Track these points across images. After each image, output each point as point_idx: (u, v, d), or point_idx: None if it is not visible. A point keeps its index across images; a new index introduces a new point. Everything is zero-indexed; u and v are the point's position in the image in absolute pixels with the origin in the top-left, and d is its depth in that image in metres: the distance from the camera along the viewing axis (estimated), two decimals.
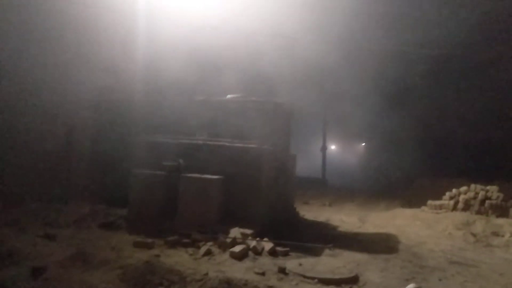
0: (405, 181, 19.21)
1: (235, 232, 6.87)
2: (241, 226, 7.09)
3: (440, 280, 5.79)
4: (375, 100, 21.78)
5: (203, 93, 9.86)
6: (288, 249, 6.65)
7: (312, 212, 11.93)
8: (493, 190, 10.54)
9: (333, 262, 6.27)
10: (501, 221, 9.60)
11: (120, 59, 10.61)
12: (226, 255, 6.13)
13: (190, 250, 6.30)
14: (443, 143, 21.43)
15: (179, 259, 5.86)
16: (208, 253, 6.17)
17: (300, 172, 14.94)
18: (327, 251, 6.90)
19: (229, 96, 9.33)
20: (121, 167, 9.12)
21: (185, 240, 6.56)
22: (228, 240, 6.50)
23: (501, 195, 10.46)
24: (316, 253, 6.79)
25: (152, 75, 11.49)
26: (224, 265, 5.75)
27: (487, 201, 10.38)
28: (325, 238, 7.95)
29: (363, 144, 34.24)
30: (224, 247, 6.36)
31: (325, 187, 21.11)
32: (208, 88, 11.00)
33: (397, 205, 14.20)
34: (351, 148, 35.00)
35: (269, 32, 13.25)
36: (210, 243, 6.49)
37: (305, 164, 22.29)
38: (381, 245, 7.88)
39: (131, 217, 7.81)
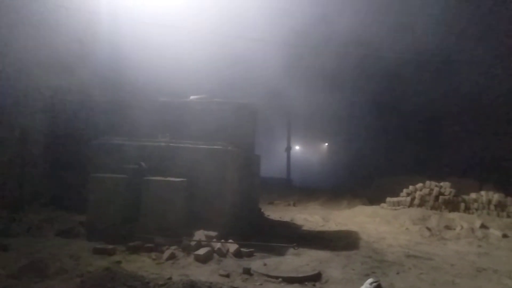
0: (366, 179, 19.93)
1: (200, 234, 6.82)
2: (206, 229, 7.04)
3: (397, 273, 6.05)
4: (337, 102, 22.38)
5: (166, 94, 9.70)
6: (253, 250, 6.69)
7: (277, 212, 12.08)
8: (446, 186, 11.17)
9: (297, 261, 6.38)
10: (453, 215, 10.19)
11: (76, 59, 10.20)
12: (190, 259, 6.06)
13: (153, 254, 6.17)
14: (400, 142, 22.39)
15: (141, 264, 5.72)
16: (172, 257, 6.07)
17: (265, 172, 15.08)
18: (291, 250, 7.00)
19: (192, 97, 9.24)
20: (79, 171, 8.77)
21: (148, 245, 6.41)
22: (193, 243, 6.43)
23: (453, 191, 11.10)
24: (280, 252, 6.87)
25: (112, 76, 11.15)
26: (188, 269, 5.69)
27: (441, 197, 10.98)
28: (289, 237, 8.07)
29: (326, 144, 35.11)
30: (188, 250, 6.29)
31: (290, 187, 21.43)
32: (171, 88, 10.86)
33: (359, 203, 14.68)
34: (314, 148, 35.74)
35: (233, 34, 13.27)
36: (174, 247, 6.38)
37: (270, 165, 22.49)
38: (343, 242, 8.12)
39: (90, 223, 7.52)
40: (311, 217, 11.19)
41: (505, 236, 8.93)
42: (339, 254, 7.01)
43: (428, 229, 9.29)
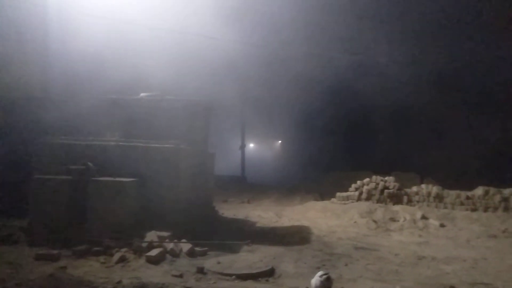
0: (318, 175, 20.57)
1: (152, 235, 6.67)
2: (159, 229, 6.89)
3: (346, 265, 6.33)
4: (291, 100, 22.85)
5: (115, 91, 9.35)
6: (206, 248, 6.67)
7: (231, 209, 12.10)
8: (390, 180, 11.83)
9: (251, 257, 6.46)
10: (397, 207, 10.82)
11: (18, 55, 9.52)
12: (142, 260, 5.91)
13: (102, 258, 5.94)
14: (349, 139, 23.35)
15: (89, 269, 5.49)
16: (122, 259, 5.88)
17: (220, 170, 15.03)
18: (245, 247, 7.06)
19: (142, 94, 8.98)
20: (19, 172, 8.19)
21: (96, 248, 6.16)
22: (144, 244, 6.28)
23: (397, 185, 11.79)
24: (234, 250, 6.92)
25: (57, 72, 10.55)
26: (139, 271, 5.54)
27: (386, 191, 11.62)
28: (243, 234, 8.13)
29: (280, 141, 35.70)
30: (139, 252, 6.13)
31: (244, 184, 21.52)
32: (120, 85, 10.47)
33: (311, 198, 15.08)
34: (269, 146, 36.19)
35: (183, 31, 13.07)
36: (124, 249, 6.19)
37: (225, 163, 22.47)
38: (295, 237, 8.33)
39: (32, 228, 7.06)
40: (265, 213, 11.35)
41: (442, 225, 9.65)
42: (292, 249, 7.20)
43: (375, 221, 9.80)
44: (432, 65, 19.77)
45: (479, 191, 11.13)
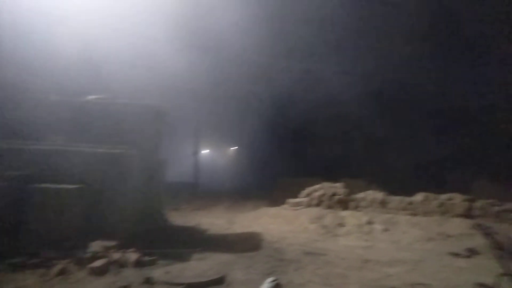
0: (270, 181, 20.81)
1: (96, 245, 6.36)
2: (105, 238, 6.59)
3: (296, 270, 6.44)
4: (244, 107, 22.99)
5: (59, 92, 8.84)
6: (156, 257, 6.47)
7: (183, 217, 11.88)
8: (339, 186, 12.26)
9: (202, 266, 6.37)
10: (345, 213, 11.22)
11: None
12: (84, 272, 5.61)
13: (41, 271, 5.56)
14: (300, 145, 23.92)
15: (24, 283, 5.11)
16: (63, 272, 5.54)
17: (173, 177, 14.71)
18: (196, 255, 6.96)
19: (90, 97, 8.59)
20: None
21: (34, 261, 5.75)
22: (87, 255, 5.97)
23: (346, 191, 12.24)
24: (185, 258, 6.78)
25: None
26: (81, 283, 5.26)
27: (335, 197, 12.02)
28: (194, 242, 8.01)
29: (234, 148, 35.71)
30: (82, 263, 5.81)
31: (197, 191, 21.24)
32: (65, 87, 9.93)
33: (263, 204, 15.21)
34: (222, 152, 36.05)
35: (134, 34, 12.73)
36: (66, 261, 5.84)
37: (178, 169, 22.03)
38: (247, 244, 8.35)
39: None
40: (217, 220, 11.28)
41: (386, 230, 10.15)
42: (243, 256, 7.20)
43: (324, 227, 10.09)
44: (375, 76, 20.88)
45: (419, 197, 11.85)
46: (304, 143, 24.18)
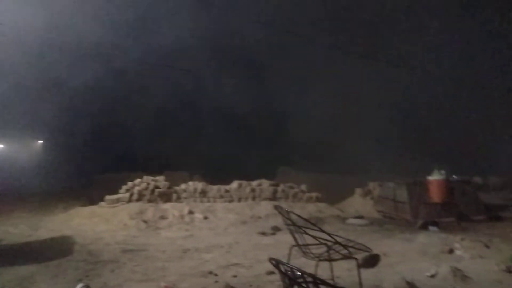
0: (87, 178, 18.97)
1: None
2: None
3: (112, 271, 6.06)
4: (49, 96, 20.15)
5: None
6: None
7: None
8: (161, 180, 12.20)
9: None
10: (167, 205, 11.27)
11: None
12: None
13: None
14: (119, 141, 22.72)
15: None
16: None
17: None
18: None
19: None
20: None
21: None
22: None
23: (167, 184, 12.28)
24: None
25: None
26: None
27: (157, 190, 11.91)
28: None
29: (40, 141, 30.83)
30: None
31: None
32: None
33: (78, 204, 13.76)
34: (26, 147, 30.60)
35: None
36: None
37: None
38: (54, 250, 7.36)
39: None
40: (14, 228, 9.52)
41: (205, 218, 10.72)
42: (49, 265, 6.31)
43: (145, 221, 9.87)
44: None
45: (234, 184, 12.99)
46: (124, 137, 23.04)
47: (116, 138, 23.01)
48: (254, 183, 13.22)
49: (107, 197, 11.62)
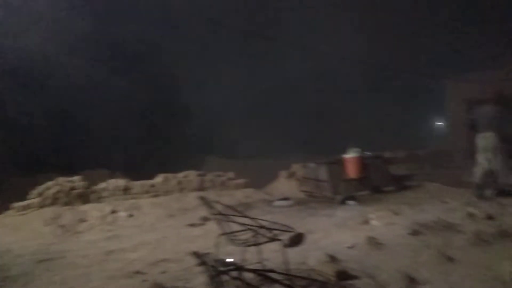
0: None
1: None
2: None
3: (24, 285, 5.50)
4: None
5: None
6: None
7: None
8: (77, 180, 11.30)
9: None
10: (86, 207, 10.49)
11: None
12: None
13: None
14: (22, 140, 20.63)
15: None
16: None
17: None
18: None
19: None
20: None
21: None
22: None
23: (85, 184, 11.42)
24: None
25: None
26: None
27: (73, 191, 11.01)
28: None
29: None
30: None
31: None
32: None
33: None
34: None
35: None
36: None
37: None
38: None
39: None
40: None
41: (130, 215, 10.22)
42: None
43: (61, 226, 9.09)
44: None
45: (159, 178, 12.57)
46: (28, 138, 20.84)
47: (18, 139, 20.69)
48: (180, 175, 12.93)
49: (15, 204, 10.43)
